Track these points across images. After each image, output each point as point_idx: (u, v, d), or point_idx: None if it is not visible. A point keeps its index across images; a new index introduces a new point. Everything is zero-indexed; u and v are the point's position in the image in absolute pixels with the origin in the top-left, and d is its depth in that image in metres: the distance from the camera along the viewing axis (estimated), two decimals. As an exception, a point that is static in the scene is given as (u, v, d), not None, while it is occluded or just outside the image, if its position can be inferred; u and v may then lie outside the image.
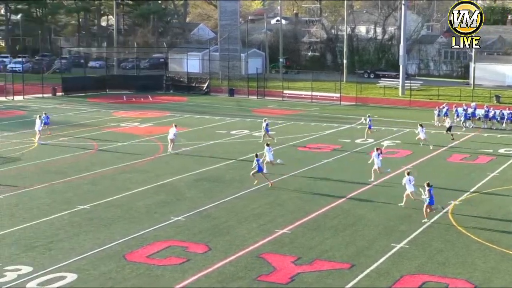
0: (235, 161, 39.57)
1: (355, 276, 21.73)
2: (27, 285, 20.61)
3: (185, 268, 22.15)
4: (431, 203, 27.70)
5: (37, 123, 45.40)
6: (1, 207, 29.24)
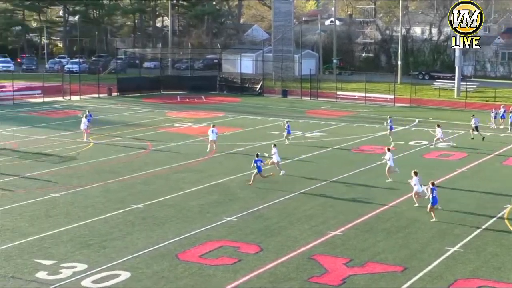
0: (288, 162, 39.50)
1: (408, 279, 21.50)
2: (81, 282, 20.93)
3: (237, 268, 22.22)
4: (434, 203, 27.78)
5: (83, 122, 46.15)
6: (57, 205, 29.77)
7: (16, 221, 27.20)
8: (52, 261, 22.61)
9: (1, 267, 22.05)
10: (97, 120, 56.16)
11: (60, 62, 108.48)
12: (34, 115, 59.62)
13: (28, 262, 22.52)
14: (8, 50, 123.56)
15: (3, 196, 31.15)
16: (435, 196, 27.82)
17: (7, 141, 45.68)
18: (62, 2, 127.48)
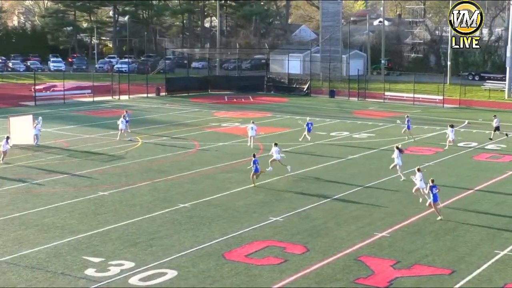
0: (335, 163, 39.37)
1: (456, 282, 21.22)
2: (129, 280, 21.13)
3: (283, 269, 22.20)
4: (435, 200, 27.82)
5: (121, 122, 46.33)
6: (106, 203, 30.13)
7: (66, 219, 27.61)
8: (100, 258, 22.89)
9: (51, 263, 22.40)
10: (145, 120, 56.78)
11: (110, 62, 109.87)
12: (84, 114, 60.47)
13: (77, 259, 22.83)
14: (60, 50, 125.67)
15: (53, 194, 31.65)
16: (435, 194, 27.87)
17: (58, 139, 46.40)
18: (112, 3, 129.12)
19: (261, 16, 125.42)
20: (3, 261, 22.62)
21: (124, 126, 46.45)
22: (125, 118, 46.79)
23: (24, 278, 21.17)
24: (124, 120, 46.52)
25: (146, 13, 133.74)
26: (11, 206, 29.36)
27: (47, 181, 34.01)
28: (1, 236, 25.30)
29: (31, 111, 54.59)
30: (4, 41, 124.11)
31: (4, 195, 31.33)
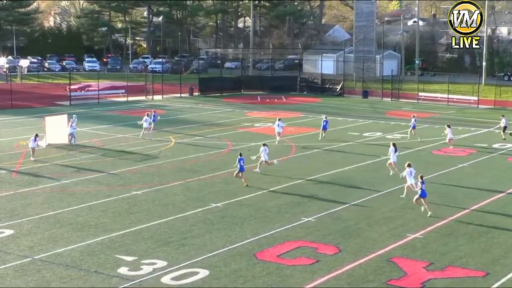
0: (367, 163, 39.19)
1: (490, 284, 21.00)
2: (161, 279, 21.24)
3: (315, 269, 22.15)
4: (422, 195, 28.40)
5: (145, 120, 46.83)
6: (139, 202, 30.33)
7: (99, 217, 27.84)
8: (133, 257, 23.04)
9: (85, 262, 22.61)
10: (178, 120, 57.07)
11: (144, 62, 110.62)
12: (118, 114, 60.92)
13: (110, 257, 23.02)
14: (94, 50, 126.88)
15: (87, 193, 31.94)
16: (423, 189, 28.44)
17: (92, 139, 46.81)
18: (147, 3, 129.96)
19: (294, 16, 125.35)
20: (37, 259, 22.89)
21: (147, 125, 46.97)
22: (151, 117, 47.56)
23: (58, 276, 21.40)
24: (148, 119, 47.07)
25: (180, 14, 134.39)
26: (46, 205, 29.70)
27: (82, 180, 34.35)
28: (36, 234, 25.61)
29: (66, 111, 55.19)
30: (41, 42, 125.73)
31: (39, 193, 31.70)
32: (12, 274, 21.53)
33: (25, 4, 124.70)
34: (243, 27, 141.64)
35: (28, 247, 24.09)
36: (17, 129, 50.81)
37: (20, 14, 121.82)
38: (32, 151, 39.44)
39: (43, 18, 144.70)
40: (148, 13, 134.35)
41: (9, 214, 28.14)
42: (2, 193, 31.57)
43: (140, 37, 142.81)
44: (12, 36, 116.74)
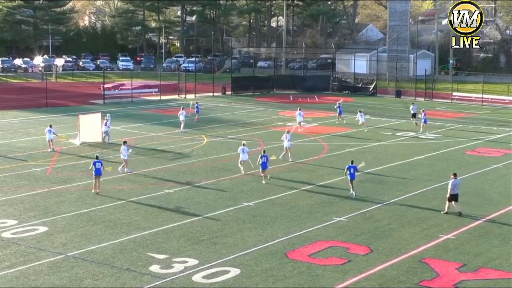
0: (400, 163, 38.90)
1: (524, 287, 20.74)
2: (192, 277, 21.29)
3: (346, 269, 22.05)
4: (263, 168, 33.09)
5: (182, 114, 49.18)
6: (171, 200, 30.44)
7: (132, 215, 28.01)
8: (164, 255, 23.13)
9: (117, 259, 22.76)
10: (211, 118, 57.19)
11: (177, 61, 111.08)
12: (151, 112, 61.25)
13: (142, 255, 23.13)
14: (128, 49, 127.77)
15: (120, 190, 32.15)
16: (264, 162, 33.43)
17: (125, 137, 47.04)
18: (180, 3, 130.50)
19: (328, 15, 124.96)
20: (71, 255, 23.09)
21: (183, 118, 49.00)
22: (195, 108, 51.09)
23: (90, 273, 21.56)
24: (183, 112, 49.28)
25: (214, 13, 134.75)
26: (79, 202, 29.95)
27: (114, 178, 34.57)
28: (70, 231, 25.84)
29: (100, 109, 55.61)
30: (76, 41, 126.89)
31: (73, 191, 31.98)
32: (46, 270, 21.74)
33: (61, 3, 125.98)
34: (276, 27, 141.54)
35: (62, 244, 24.31)
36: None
37: (56, 14, 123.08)
38: (50, 143, 40.98)
39: (78, 18, 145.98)
40: (182, 13, 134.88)
41: (43, 212, 28.43)
42: (36, 191, 31.92)
43: (174, 36, 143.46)
44: (48, 36, 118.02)
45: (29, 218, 27.46)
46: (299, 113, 49.29)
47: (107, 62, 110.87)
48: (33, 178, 34.60)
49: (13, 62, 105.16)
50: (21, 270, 21.73)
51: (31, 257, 22.93)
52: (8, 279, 21.04)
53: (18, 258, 22.81)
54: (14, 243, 24.34)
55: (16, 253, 23.30)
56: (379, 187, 33.24)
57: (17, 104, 64.31)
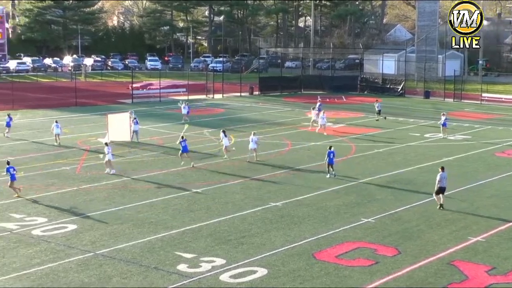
0: (429, 165, 38.65)
1: (554, 291, 20.52)
2: (220, 277, 21.35)
3: (373, 271, 21.97)
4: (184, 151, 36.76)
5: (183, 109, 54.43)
6: (198, 200, 30.55)
7: (160, 214, 28.15)
8: (192, 254, 23.22)
9: (145, 258, 22.89)
10: (238, 118, 57.29)
11: (205, 61, 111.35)
12: (179, 112, 61.36)
13: (169, 254, 23.24)
14: (156, 49, 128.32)
15: (148, 190, 32.33)
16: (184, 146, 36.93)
17: (154, 136, 47.35)
18: (208, 3, 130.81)
19: (356, 15, 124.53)
20: (99, 253, 23.28)
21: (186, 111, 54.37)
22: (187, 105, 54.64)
23: (119, 271, 21.72)
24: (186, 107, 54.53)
25: (241, 13, 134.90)
26: (108, 201, 30.18)
27: (143, 177, 34.78)
28: (98, 229, 26.05)
29: (128, 109, 55.92)
30: (104, 41, 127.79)
31: (102, 190, 32.23)
32: (75, 268, 21.94)
33: (90, 3, 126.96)
34: (303, 27, 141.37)
35: (91, 242, 24.52)
36: (81, 126, 51.76)
37: (85, 14, 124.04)
38: (57, 137, 43.22)
39: (107, 18, 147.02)
40: (210, 13, 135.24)
41: (72, 210, 28.70)
42: (66, 189, 32.22)
43: (201, 36, 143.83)
44: (77, 35, 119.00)
45: (59, 216, 27.74)
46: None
47: (135, 62, 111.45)
48: (62, 176, 34.93)
49: (43, 61, 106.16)
50: (51, 267, 21.97)
51: (61, 254, 23.16)
52: (38, 276, 21.27)
53: (48, 255, 23.06)
54: (44, 240, 24.60)
55: (46, 250, 23.56)
56: (407, 188, 33.05)
57: (47, 103, 64.92)
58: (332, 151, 35.10)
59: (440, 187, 29.23)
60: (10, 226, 26.26)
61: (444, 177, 29.30)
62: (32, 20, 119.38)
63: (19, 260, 22.57)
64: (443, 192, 29.33)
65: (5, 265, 22.17)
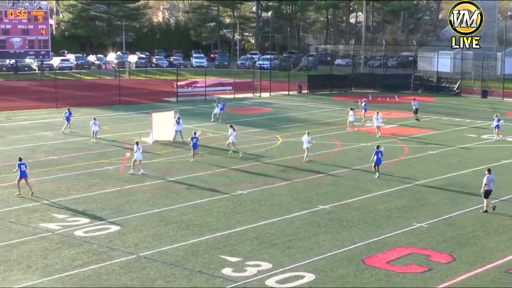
0: (485, 167, 38.06)
1: None
2: (266, 281, 21.37)
3: (426, 278, 21.76)
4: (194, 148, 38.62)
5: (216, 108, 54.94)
6: (244, 202, 30.63)
7: (204, 217, 28.29)
8: (237, 258, 23.30)
9: (189, 261, 23.03)
10: (286, 118, 57.29)
11: (252, 58, 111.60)
12: (225, 111, 61.57)
13: (214, 258, 23.34)
14: (202, 46, 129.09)
15: (192, 191, 32.51)
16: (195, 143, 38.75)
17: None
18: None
19: (409, 11, 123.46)
20: (142, 256, 23.51)
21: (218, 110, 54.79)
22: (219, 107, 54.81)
23: (162, 274, 21.90)
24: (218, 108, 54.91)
25: (290, 9, 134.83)
26: (151, 202, 30.45)
27: (187, 178, 35.00)
28: (142, 231, 26.30)
29: (173, 107, 56.35)
30: (149, 37, 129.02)
31: (145, 190, 32.54)
32: (117, 270, 22.19)
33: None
34: (354, 23, 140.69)
35: (134, 244, 24.77)
36: (124, 125, 52.33)
37: (130, 10, 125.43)
38: (94, 134, 44.59)
39: (152, 14, 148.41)
40: (257, 8, 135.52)
41: (115, 211, 29.03)
42: (108, 189, 32.61)
43: (248, 33, 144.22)
44: (122, 32, 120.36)
45: (101, 217, 28.09)
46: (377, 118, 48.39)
47: (180, 59, 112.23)
48: (105, 176, 35.36)
49: (87, 58, 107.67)
50: (93, 269, 22.26)
51: (103, 256, 23.46)
52: (80, 278, 21.57)
53: (90, 257, 23.37)
54: (87, 241, 24.94)
55: (89, 252, 23.88)
56: (463, 192, 32.67)
57: (90, 101, 65.79)
58: (380, 151, 35.45)
59: (487, 190, 29.06)
60: (53, 227, 26.69)
61: (492, 180, 29.14)
62: (76, 16, 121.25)
63: (61, 262, 22.92)
64: (489, 195, 29.19)
65: (47, 266, 22.54)
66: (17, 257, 23.32)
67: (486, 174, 29.32)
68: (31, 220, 27.57)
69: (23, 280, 21.32)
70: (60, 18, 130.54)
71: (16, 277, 21.58)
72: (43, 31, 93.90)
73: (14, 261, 22.99)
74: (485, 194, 29.21)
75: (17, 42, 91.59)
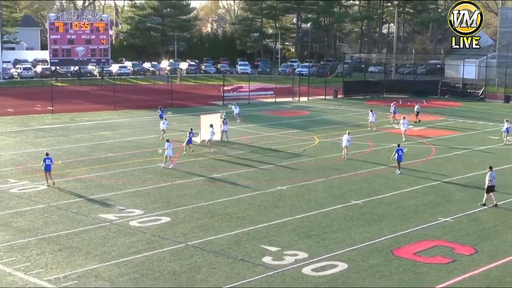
0: (508, 167, 37.58)
1: None
2: (302, 269, 21.38)
3: (451, 268, 21.55)
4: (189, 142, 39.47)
5: (235, 110, 55.17)
6: (283, 197, 30.64)
7: (246, 210, 28.37)
8: (277, 248, 23.32)
9: (232, 250, 23.13)
10: (323, 120, 57.14)
11: (291, 65, 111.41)
12: (267, 113, 61.77)
13: (255, 247, 23.40)
14: (247, 54, 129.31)
15: (235, 186, 32.61)
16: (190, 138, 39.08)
17: (242, 136, 47.71)
18: (296, 10, 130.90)
19: (438, 22, 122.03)
20: (190, 245, 23.67)
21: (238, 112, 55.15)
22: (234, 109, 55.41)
23: (208, 261, 22.02)
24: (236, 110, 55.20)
25: (327, 20, 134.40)
26: (199, 196, 30.62)
27: (231, 175, 35.12)
28: (190, 222, 26.47)
29: (219, 110, 56.53)
30: (199, 46, 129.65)
31: (192, 185, 32.73)
32: (168, 257, 22.38)
33: (186, 11, 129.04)
34: (387, 33, 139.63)
35: (183, 234, 24.95)
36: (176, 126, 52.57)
37: (182, 21, 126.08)
38: (163, 132, 45.48)
39: (201, 25, 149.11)
40: (297, 20, 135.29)
41: (166, 203, 29.26)
42: (161, 184, 32.87)
43: (289, 42, 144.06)
44: (174, 41, 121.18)
45: (154, 209, 28.33)
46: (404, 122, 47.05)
47: (226, 66, 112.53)
48: (158, 172, 35.64)
49: (142, 65, 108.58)
50: (147, 256, 22.48)
51: (155, 244, 23.67)
52: (135, 264, 21.80)
53: (143, 245, 23.60)
54: (141, 231, 25.19)
55: (142, 240, 24.11)
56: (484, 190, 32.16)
57: (145, 104, 66.32)
58: (401, 148, 35.63)
59: (489, 186, 29.06)
60: (110, 217, 27.02)
61: (494, 176, 29.17)
62: (133, 27, 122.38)
63: (118, 249, 23.19)
64: (493, 190, 29.13)
65: (105, 253, 22.83)
66: (78, 244, 23.66)
67: (488, 171, 29.29)
68: (91, 211, 27.94)
69: (84, 265, 21.63)
70: (119, 29, 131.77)
71: (78, 262, 21.90)
72: (104, 41, 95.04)
73: (75, 247, 23.34)
74: (487, 189, 29.18)
75: (81, 51, 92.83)
